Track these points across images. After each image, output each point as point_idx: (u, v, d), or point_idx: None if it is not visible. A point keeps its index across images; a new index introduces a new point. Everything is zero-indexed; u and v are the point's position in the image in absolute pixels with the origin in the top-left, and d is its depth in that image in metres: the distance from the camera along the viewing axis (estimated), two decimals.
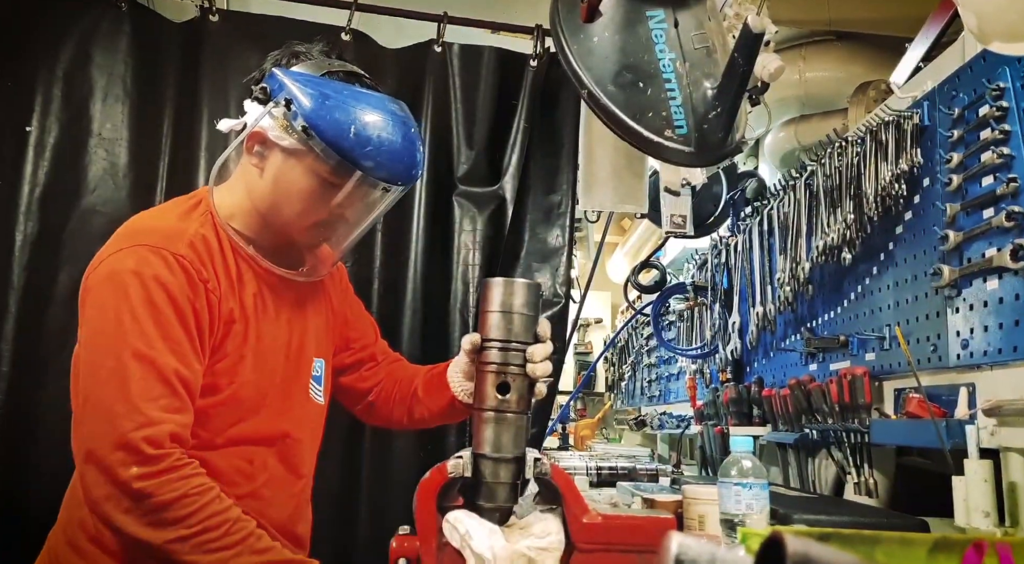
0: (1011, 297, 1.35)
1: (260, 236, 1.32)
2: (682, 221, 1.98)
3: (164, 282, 1.17)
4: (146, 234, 1.21)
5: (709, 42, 1.40)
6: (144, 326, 1.14)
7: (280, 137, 1.24)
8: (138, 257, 1.17)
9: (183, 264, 1.19)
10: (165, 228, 1.23)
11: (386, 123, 1.26)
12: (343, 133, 1.22)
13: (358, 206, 1.32)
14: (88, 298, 1.19)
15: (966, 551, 0.99)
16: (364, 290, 2.03)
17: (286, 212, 1.29)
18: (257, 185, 1.29)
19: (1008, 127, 1.39)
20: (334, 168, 1.24)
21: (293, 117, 1.22)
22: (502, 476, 1.24)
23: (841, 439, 1.77)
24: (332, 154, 1.22)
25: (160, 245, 1.19)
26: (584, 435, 4.25)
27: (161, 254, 1.18)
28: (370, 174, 1.25)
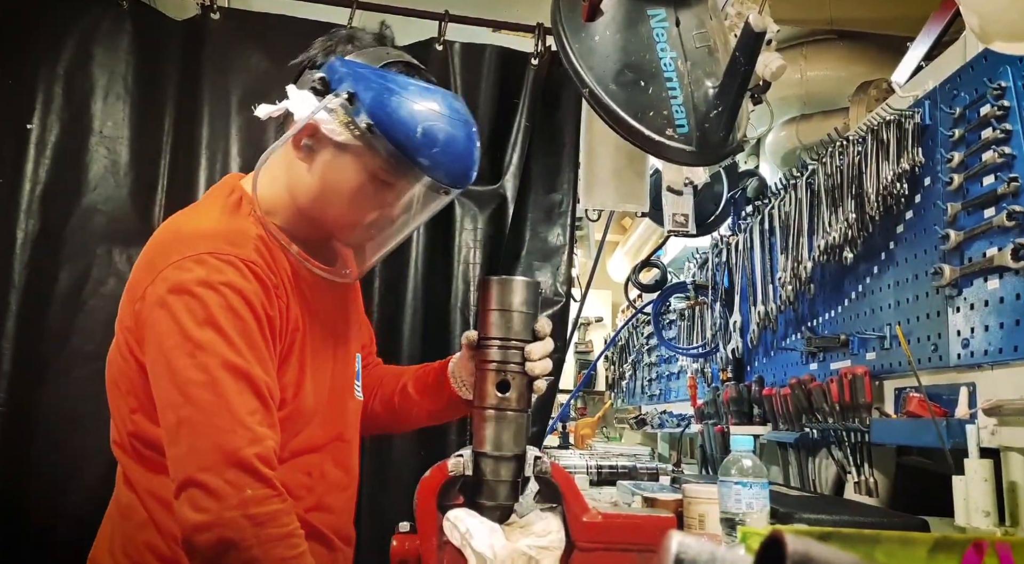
0: (1012, 297, 1.35)
1: (299, 233, 1.24)
2: (684, 220, 1.98)
3: (240, 289, 1.08)
4: (207, 240, 1.12)
5: (711, 41, 1.40)
6: (230, 336, 1.05)
7: (335, 132, 1.16)
8: (206, 266, 1.08)
9: (255, 270, 1.10)
10: (226, 232, 1.14)
11: (452, 123, 1.19)
12: (410, 133, 1.16)
13: (413, 208, 1.25)
14: (155, 314, 1.08)
15: (966, 551, 0.99)
16: (365, 290, 2.02)
17: (334, 211, 1.22)
18: (303, 180, 1.22)
19: (1009, 126, 1.39)
20: (395, 169, 1.17)
21: (356, 112, 1.15)
22: (503, 474, 1.24)
23: (841, 438, 1.77)
24: (396, 154, 1.16)
25: (227, 252, 1.10)
26: (584, 434, 4.25)
27: (231, 261, 1.09)
28: (432, 177, 1.19)
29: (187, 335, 1.05)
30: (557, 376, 2.09)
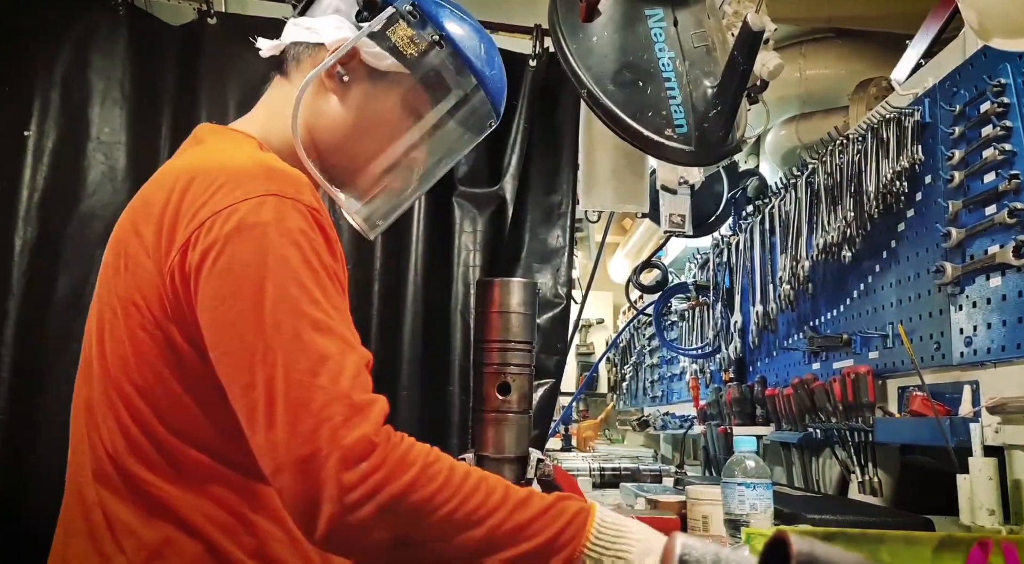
0: (1014, 294, 1.34)
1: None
2: (681, 220, 1.98)
3: (312, 242, 0.89)
4: (263, 177, 0.91)
5: (709, 40, 1.40)
6: (313, 293, 0.85)
7: (378, 56, 1.05)
8: (275, 209, 0.87)
9: (319, 221, 0.91)
10: (285, 172, 0.93)
11: (496, 46, 1.12)
12: (477, 49, 1.07)
13: (458, 141, 1.16)
14: (214, 266, 0.86)
15: (971, 549, 0.99)
16: (364, 292, 2.03)
17: (367, 148, 1.09)
18: (330, 115, 1.06)
19: (1009, 123, 1.39)
20: (460, 90, 1.08)
21: (421, 25, 1.04)
22: (505, 476, 1.24)
23: (845, 438, 1.77)
24: (466, 72, 1.06)
25: (292, 195, 0.89)
26: (587, 436, 4.24)
27: (298, 208, 0.89)
28: (492, 100, 1.11)
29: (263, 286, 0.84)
30: (559, 379, 2.09)
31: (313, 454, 0.77)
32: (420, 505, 0.79)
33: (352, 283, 2.01)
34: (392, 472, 0.78)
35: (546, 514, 0.83)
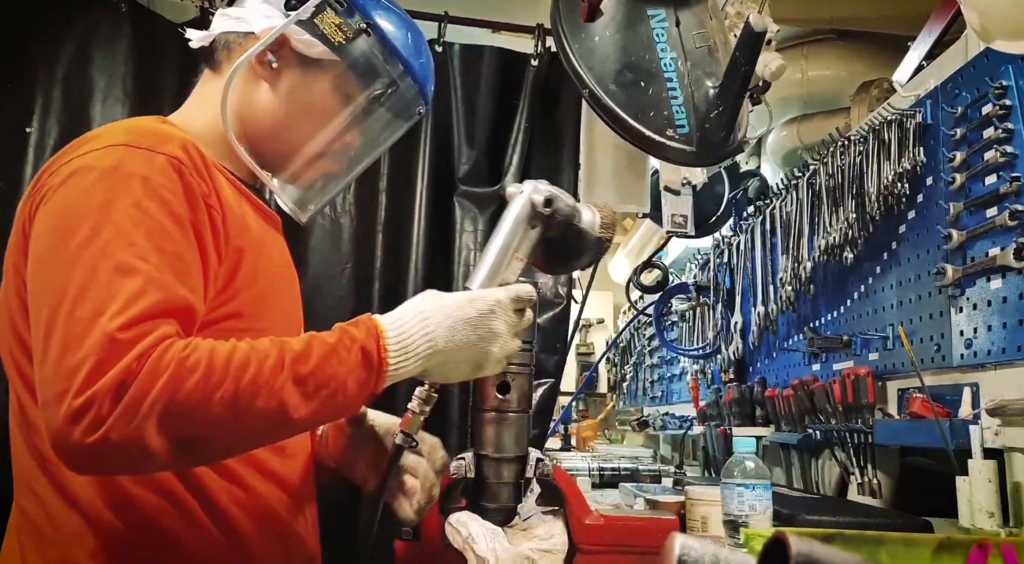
0: (1015, 296, 1.34)
1: (241, 172, 1.10)
2: (683, 221, 1.98)
3: (158, 187, 0.87)
4: (123, 133, 0.92)
5: (711, 41, 1.40)
6: (131, 236, 0.84)
7: (308, 43, 1.07)
8: (118, 156, 0.88)
9: (177, 167, 0.90)
10: (147, 128, 0.95)
11: (423, 36, 1.15)
12: (404, 37, 1.10)
13: (386, 129, 1.18)
14: (45, 206, 0.88)
15: (970, 552, 0.99)
16: (365, 291, 2.03)
17: (298, 134, 1.11)
18: (261, 102, 1.09)
19: (1011, 125, 1.39)
20: (387, 77, 1.11)
21: (348, 14, 1.07)
22: (505, 476, 1.24)
23: (844, 439, 1.77)
24: (393, 60, 1.10)
25: (145, 145, 0.90)
26: (586, 436, 4.24)
27: (147, 155, 0.89)
28: (421, 88, 1.14)
29: (76, 226, 0.84)
30: (558, 379, 2.09)
31: (65, 391, 0.77)
32: (186, 401, 0.79)
33: (351, 281, 2.03)
34: (142, 387, 0.77)
35: (330, 359, 0.86)
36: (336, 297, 2.00)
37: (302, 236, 1.97)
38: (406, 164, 2.08)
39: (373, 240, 2.05)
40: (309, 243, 2.02)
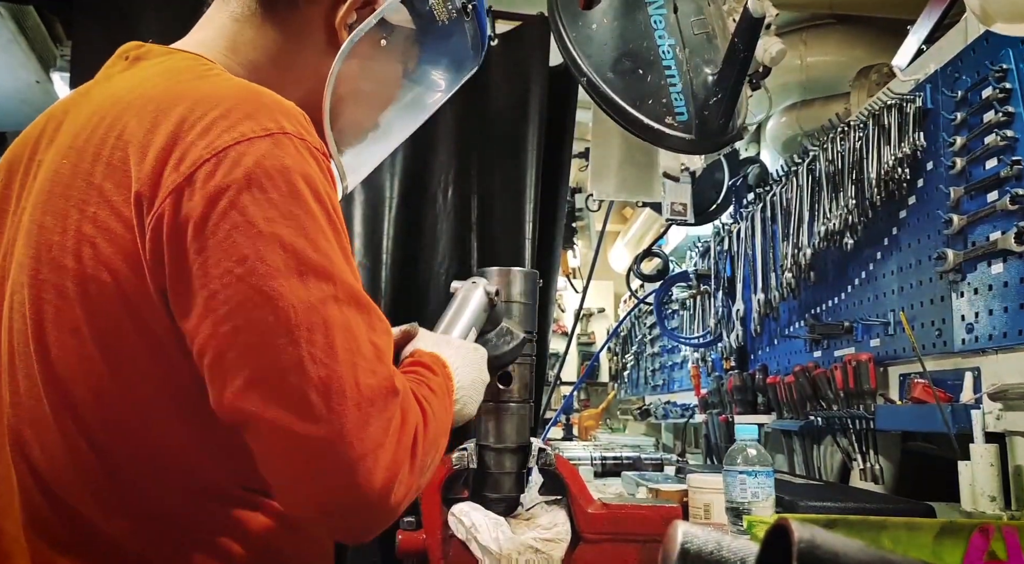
0: (1016, 280, 1.34)
1: None
2: (683, 209, 1.97)
3: (331, 196, 0.74)
4: (278, 111, 0.74)
5: (709, 27, 1.39)
6: (341, 262, 0.72)
7: (393, 7, 0.93)
8: (295, 151, 0.71)
9: (328, 167, 0.77)
10: (283, 104, 0.76)
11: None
12: (485, 19, 1.06)
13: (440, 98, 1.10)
14: (230, 214, 0.67)
15: (972, 535, 0.99)
16: (374, 281, 2.03)
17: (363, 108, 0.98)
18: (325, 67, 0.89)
19: (1012, 109, 1.38)
20: (470, 55, 1.05)
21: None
22: (507, 466, 1.24)
23: (846, 426, 1.77)
24: (478, 38, 1.04)
25: (305, 136, 0.74)
26: (588, 425, 4.25)
27: (313, 152, 0.74)
28: (476, 65, 1.08)
29: (295, 250, 0.68)
30: (543, 363, 2.07)
31: (371, 451, 0.68)
32: (430, 448, 0.78)
33: (367, 279, 2.01)
34: (421, 440, 0.75)
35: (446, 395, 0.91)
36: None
37: None
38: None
39: (380, 226, 2.05)
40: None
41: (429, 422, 0.78)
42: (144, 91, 0.76)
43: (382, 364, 0.71)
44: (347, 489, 0.67)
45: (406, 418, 0.72)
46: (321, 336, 0.67)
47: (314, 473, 0.67)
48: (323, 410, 0.66)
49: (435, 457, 0.81)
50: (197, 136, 0.69)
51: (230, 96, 0.73)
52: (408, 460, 0.71)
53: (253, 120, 0.71)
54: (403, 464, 0.70)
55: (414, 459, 0.72)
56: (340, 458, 0.66)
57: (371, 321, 0.72)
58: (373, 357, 0.70)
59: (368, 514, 0.69)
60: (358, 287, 0.72)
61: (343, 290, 0.70)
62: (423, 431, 0.75)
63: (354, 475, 0.66)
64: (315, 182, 0.72)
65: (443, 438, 0.84)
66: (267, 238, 0.67)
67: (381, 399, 0.69)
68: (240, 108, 0.72)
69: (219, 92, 0.74)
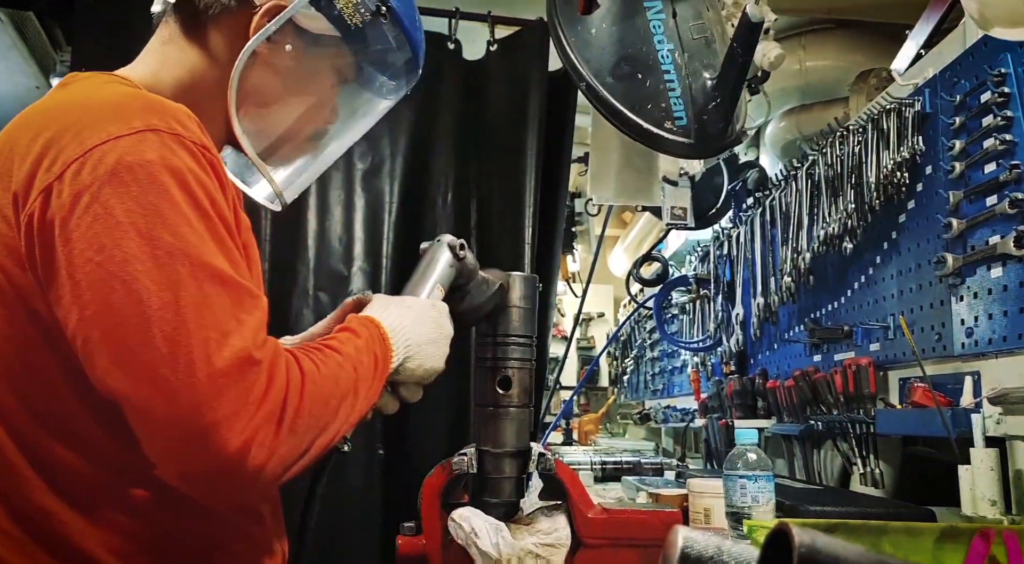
0: (1015, 284, 1.34)
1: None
2: (682, 213, 1.97)
3: (204, 184, 0.79)
4: (149, 110, 0.80)
5: (708, 32, 1.40)
6: (209, 244, 0.77)
7: (312, 17, 0.97)
8: (160, 145, 0.77)
9: (210, 160, 0.82)
10: (165, 104, 0.82)
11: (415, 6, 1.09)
12: (413, 19, 1.05)
13: (379, 107, 1.13)
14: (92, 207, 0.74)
15: (973, 540, 0.99)
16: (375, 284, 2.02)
17: (290, 115, 1.03)
18: (252, 78, 0.96)
19: (1010, 113, 1.39)
20: (395, 59, 1.06)
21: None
22: (506, 470, 1.24)
23: (846, 430, 1.77)
24: (403, 42, 1.04)
25: (177, 130, 0.79)
26: (588, 430, 4.25)
27: (185, 144, 0.79)
28: (416, 73, 1.09)
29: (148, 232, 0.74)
30: (543, 368, 2.06)
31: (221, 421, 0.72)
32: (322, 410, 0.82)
33: (368, 283, 2.01)
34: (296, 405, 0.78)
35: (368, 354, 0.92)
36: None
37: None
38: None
39: (381, 231, 2.05)
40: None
41: (309, 384, 0.81)
42: (42, 107, 0.85)
43: (240, 337, 0.75)
44: (202, 456, 0.72)
45: (271, 385, 0.76)
46: (172, 314, 0.73)
47: (172, 443, 0.73)
48: (175, 383, 0.71)
49: (337, 415, 0.84)
50: (70, 139, 0.77)
51: (109, 102, 0.81)
52: (272, 425, 0.75)
53: (122, 121, 0.78)
54: (262, 429, 0.74)
55: (280, 423, 0.76)
56: (193, 427, 0.71)
57: (238, 297, 0.77)
58: (230, 330, 0.75)
59: (228, 479, 0.74)
60: (222, 266, 0.77)
61: (201, 270, 0.75)
62: (298, 394, 0.78)
63: (208, 442, 0.72)
64: (182, 173, 0.77)
65: (349, 397, 0.87)
66: (125, 227, 0.73)
67: (236, 370, 0.73)
68: (113, 112, 0.79)
69: (101, 101, 0.82)
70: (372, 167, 2.05)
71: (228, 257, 0.79)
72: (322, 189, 2.02)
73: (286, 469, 0.78)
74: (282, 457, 0.76)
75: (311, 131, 1.07)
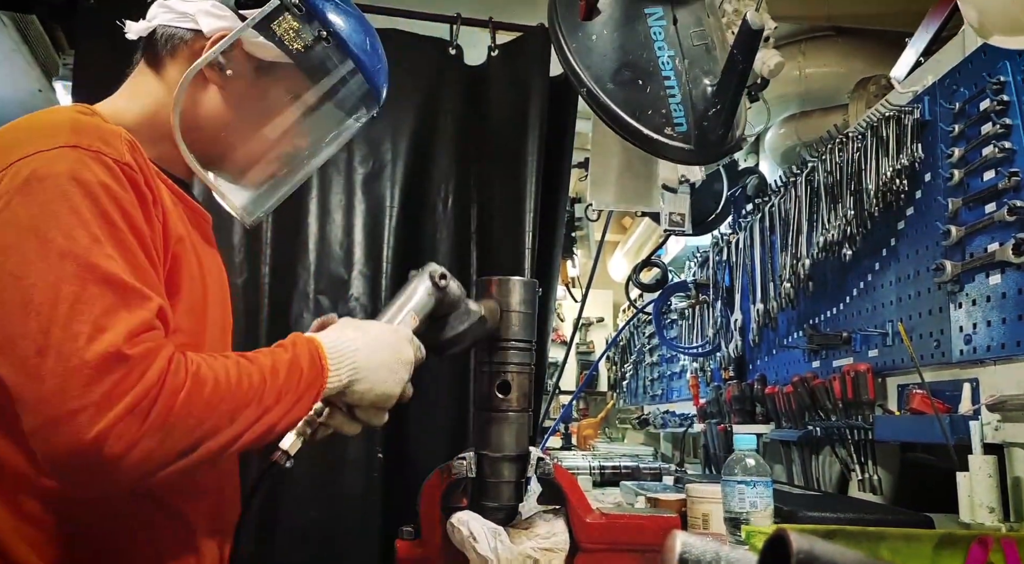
0: (1014, 292, 1.34)
1: (173, 167, 1.06)
2: (681, 219, 1.98)
3: (116, 196, 0.86)
4: (68, 131, 0.88)
5: (708, 39, 1.40)
6: (107, 247, 0.84)
7: (261, 46, 1.04)
8: (73, 160, 0.85)
9: (131, 177, 0.89)
10: (89, 125, 0.90)
11: (378, 36, 1.14)
12: (361, 42, 1.08)
13: (339, 131, 1.17)
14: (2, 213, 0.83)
15: (971, 547, 0.99)
16: (375, 290, 2.03)
17: (248, 139, 1.09)
18: (207, 105, 1.05)
19: (1009, 121, 1.39)
20: (344, 84, 1.09)
21: (307, 19, 1.04)
22: (505, 475, 1.24)
23: (845, 436, 1.77)
24: (351, 67, 1.08)
25: (95, 147, 0.87)
26: (587, 435, 4.24)
27: (102, 160, 0.87)
28: (376, 92, 1.13)
29: (47, 238, 0.81)
30: (541, 374, 2.06)
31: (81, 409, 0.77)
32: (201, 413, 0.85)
33: (368, 287, 2.01)
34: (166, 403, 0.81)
35: (292, 370, 0.94)
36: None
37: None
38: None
39: (381, 237, 2.05)
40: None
41: (194, 386, 0.84)
42: (2, 130, 0.93)
43: (114, 333, 0.80)
44: (62, 441, 0.78)
45: (138, 381, 0.80)
46: (50, 309, 0.79)
47: (38, 427, 0.79)
48: (44, 371, 0.78)
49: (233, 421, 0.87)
50: (2, 155, 0.86)
51: (46, 124, 0.90)
52: (134, 418, 0.79)
53: (47, 138, 0.87)
54: (123, 421, 0.78)
55: (145, 418, 0.80)
56: (55, 413, 0.77)
57: (122, 298, 0.83)
58: (105, 327, 0.80)
59: (85, 466, 0.79)
60: (111, 268, 0.83)
61: (88, 270, 0.82)
62: (174, 393, 0.82)
63: (67, 429, 0.77)
64: (89, 184, 0.84)
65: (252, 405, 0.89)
66: (26, 230, 0.82)
67: (103, 364, 0.79)
68: (45, 132, 0.88)
69: (42, 123, 0.91)
70: (373, 172, 2.06)
71: (127, 262, 0.85)
72: (323, 193, 2.02)
73: (157, 463, 0.82)
74: (146, 450, 0.80)
75: (273, 154, 1.13)
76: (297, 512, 1.88)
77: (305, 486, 1.88)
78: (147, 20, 1.07)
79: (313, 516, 1.89)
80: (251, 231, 1.87)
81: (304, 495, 1.88)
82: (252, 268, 1.93)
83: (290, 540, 1.87)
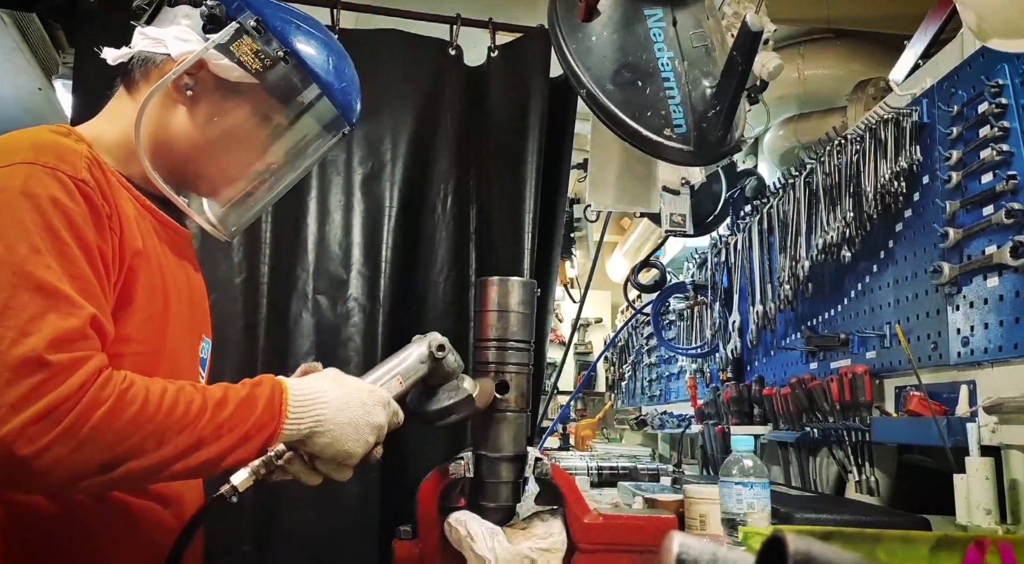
0: (1011, 294, 1.35)
1: (150, 185, 1.09)
2: (681, 220, 1.98)
3: (66, 209, 0.90)
4: (27, 149, 0.93)
5: (708, 40, 1.40)
6: (47, 258, 0.87)
7: (226, 68, 1.08)
8: (24, 176, 0.90)
9: (84, 191, 0.93)
10: (51, 142, 0.95)
11: (347, 58, 1.17)
12: (325, 63, 1.12)
13: (309, 149, 1.20)
14: None
15: (968, 549, 0.99)
16: (371, 292, 2.03)
17: (217, 157, 1.12)
18: (177, 126, 1.09)
19: (1007, 124, 1.39)
20: (306, 103, 1.13)
21: (266, 41, 1.07)
22: (503, 475, 1.24)
23: (842, 437, 1.77)
24: (312, 86, 1.11)
25: (51, 164, 0.92)
26: (585, 435, 4.24)
27: (57, 176, 0.91)
28: (343, 115, 1.16)
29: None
30: (540, 373, 2.06)
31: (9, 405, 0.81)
32: (121, 431, 0.86)
33: (366, 287, 2.01)
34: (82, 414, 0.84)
35: (243, 407, 0.95)
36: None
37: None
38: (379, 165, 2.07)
39: (379, 241, 2.05)
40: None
41: (123, 404, 0.87)
42: None
43: (39, 338, 0.84)
44: None
45: (56, 388, 0.83)
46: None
47: None
48: None
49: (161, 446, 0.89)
50: None
51: (12, 143, 0.94)
52: (46, 424, 0.82)
53: (7, 155, 0.92)
54: (34, 425, 0.81)
55: (57, 424, 0.82)
56: None
57: (54, 306, 0.86)
58: (30, 332, 0.84)
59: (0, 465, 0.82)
60: (47, 278, 0.87)
61: (21, 278, 0.86)
62: (96, 406, 0.85)
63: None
64: (38, 198, 0.89)
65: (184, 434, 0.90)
66: None
67: (21, 367, 0.82)
68: (7, 150, 0.92)
69: (9, 142, 0.94)
70: (372, 172, 2.05)
71: (66, 272, 0.88)
72: (322, 194, 2.02)
73: (71, 472, 0.84)
74: (56, 456, 0.83)
75: (244, 171, 1.16)
76: (295, 512, 1.88)
77: (303, 486, 1.87)
78: (128, 49, 1.12)
79: (311, 516, 1.89)
80: (250, 231, 1.87)
81: (302, 495, 1.88)
82: (251, 267, 1.93)
83: (288, 540, 1.87)
